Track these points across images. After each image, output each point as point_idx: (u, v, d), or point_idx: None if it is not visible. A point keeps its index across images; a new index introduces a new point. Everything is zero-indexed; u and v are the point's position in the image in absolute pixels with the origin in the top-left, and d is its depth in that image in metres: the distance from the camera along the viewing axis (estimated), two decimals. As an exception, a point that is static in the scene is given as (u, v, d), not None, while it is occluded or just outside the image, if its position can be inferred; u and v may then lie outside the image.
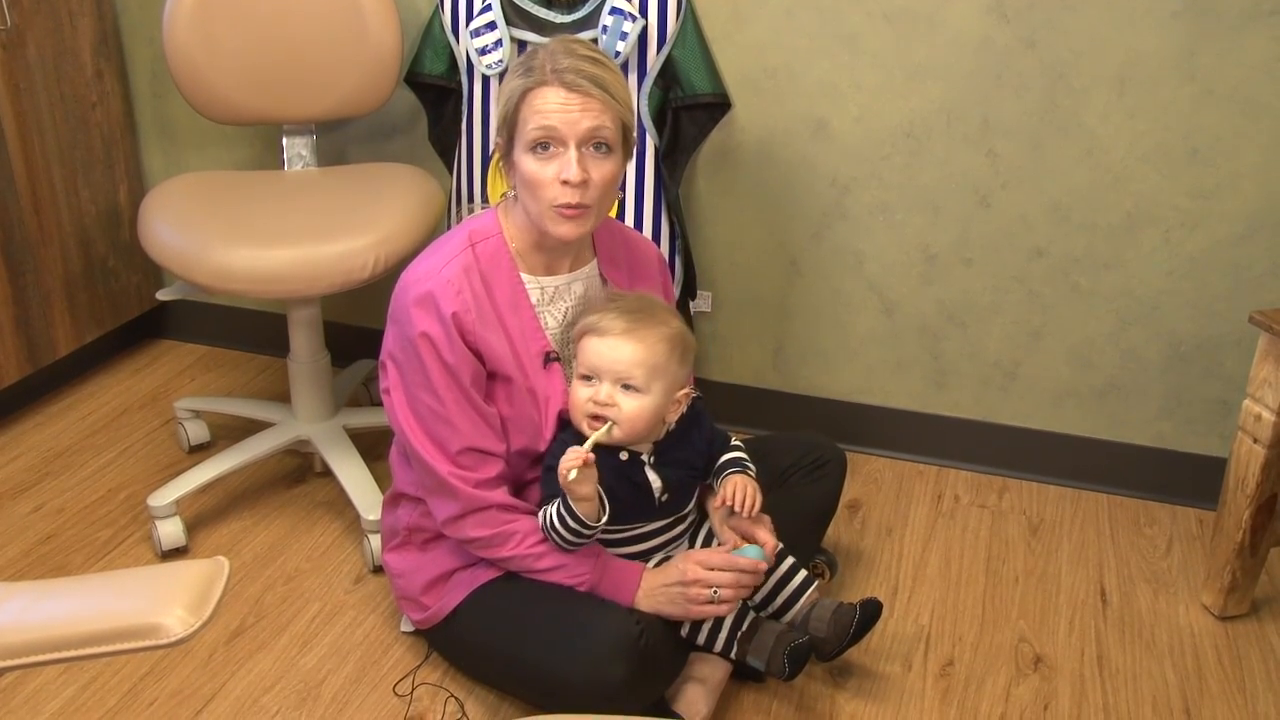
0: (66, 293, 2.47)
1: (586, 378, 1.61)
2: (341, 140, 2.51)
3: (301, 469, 2.33)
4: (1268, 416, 1.81)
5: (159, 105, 2.61)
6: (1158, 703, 1.80)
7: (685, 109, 2.19)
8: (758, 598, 1.72)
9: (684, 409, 1.67)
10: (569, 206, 1.55)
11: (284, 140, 2.30)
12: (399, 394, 1.64)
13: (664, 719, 1.64)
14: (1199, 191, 2.08)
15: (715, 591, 1.60)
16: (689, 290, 2.28)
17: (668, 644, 1.65)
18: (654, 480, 1.64)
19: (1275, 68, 1.97)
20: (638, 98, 2.15)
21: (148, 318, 2.77)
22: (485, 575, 1.69)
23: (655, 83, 2.15)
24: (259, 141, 2.57)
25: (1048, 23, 2.04)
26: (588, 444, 1.53)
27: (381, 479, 2.16)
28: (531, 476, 1.69)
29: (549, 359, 1.65)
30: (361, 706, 1.74)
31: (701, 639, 1.67)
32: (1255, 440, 1.84)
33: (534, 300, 1.65)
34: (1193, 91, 2.02)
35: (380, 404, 2.54)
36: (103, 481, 2.27)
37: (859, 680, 1.82)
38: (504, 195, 1.68)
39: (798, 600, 1.71)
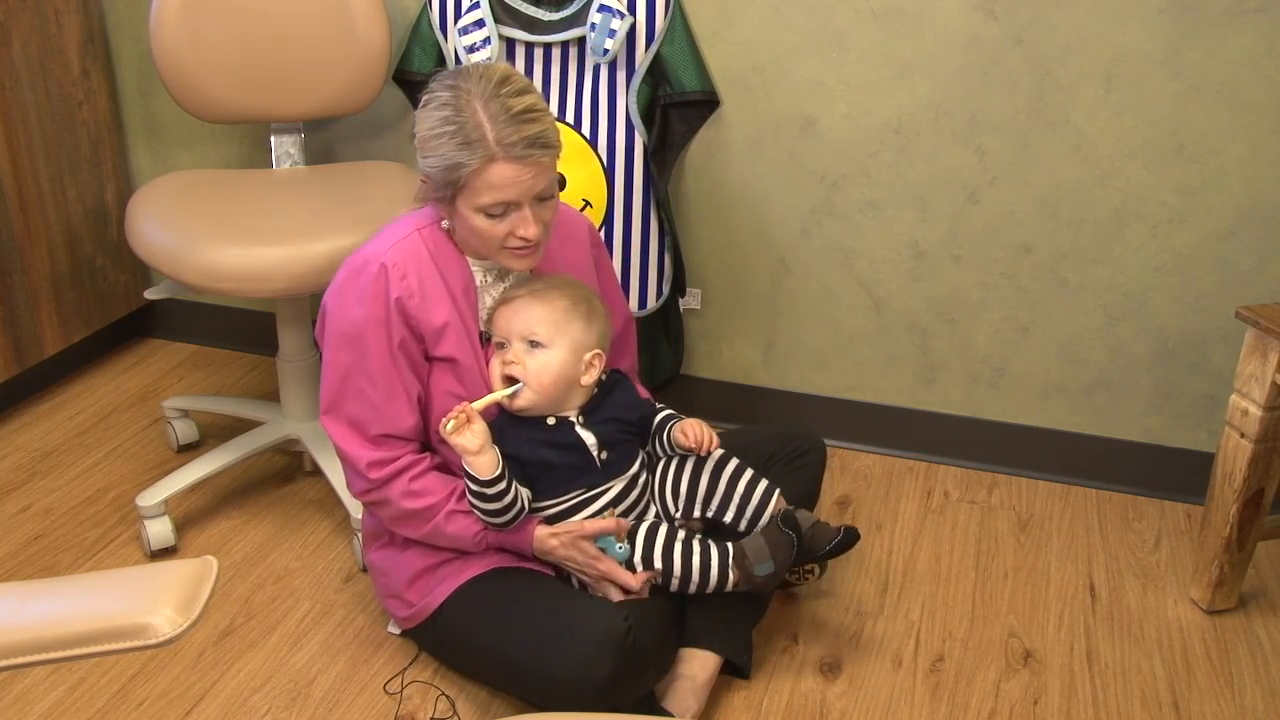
0: (54, 292, 2.46)
1: (501, 345, 1.66)
2: (330, 138, 2.51)
3: (291, 468, 2.33)
4: (1254, 411, 1.82)
5: (146, 104, 2.60)
6: (1146, 697, 1.80)
7: (674, 106, 2.19)
8: (727, 517, 1.72)
9: (599, 374, 1.69)
10: (524, 247, 1.59)
11: (272, 139, 2.29)
12: (327, 369, 1.66)
13: (654, 717, 1.65)
14: (1186, 187, 2.09)
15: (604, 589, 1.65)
16: (678, 288, 2.28)
17: (656, 639, 1.65)
18: (587, 437, 1.66)
19: (1260, 64, 1.98)
20: (626, 95, 2.15)
21: (135, 317, 2.76)
22: (471, 570, 1.69)
23: (644, 80, 2.15)
24: (247, 140, 2.56)
25: (1035, 20, 2.04)
26: (481, 401, 1.60)
27: (371, 478, 2.16)
28: None
29: (484, 339, 1.69)
30: (352, 705, 1.74)
31: (694, 587, 1.67)
32: (1242, 435, 1.85)
33: (479, 283, 1.68)
34: (1179, 88, 2.03)
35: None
36: (91, 481, 2.27)
37: (849, 676, 1.83)
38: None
39: (765, 507, 1.71)
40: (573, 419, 1.68)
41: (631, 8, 2.09)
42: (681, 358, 2.39)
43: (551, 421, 1.67)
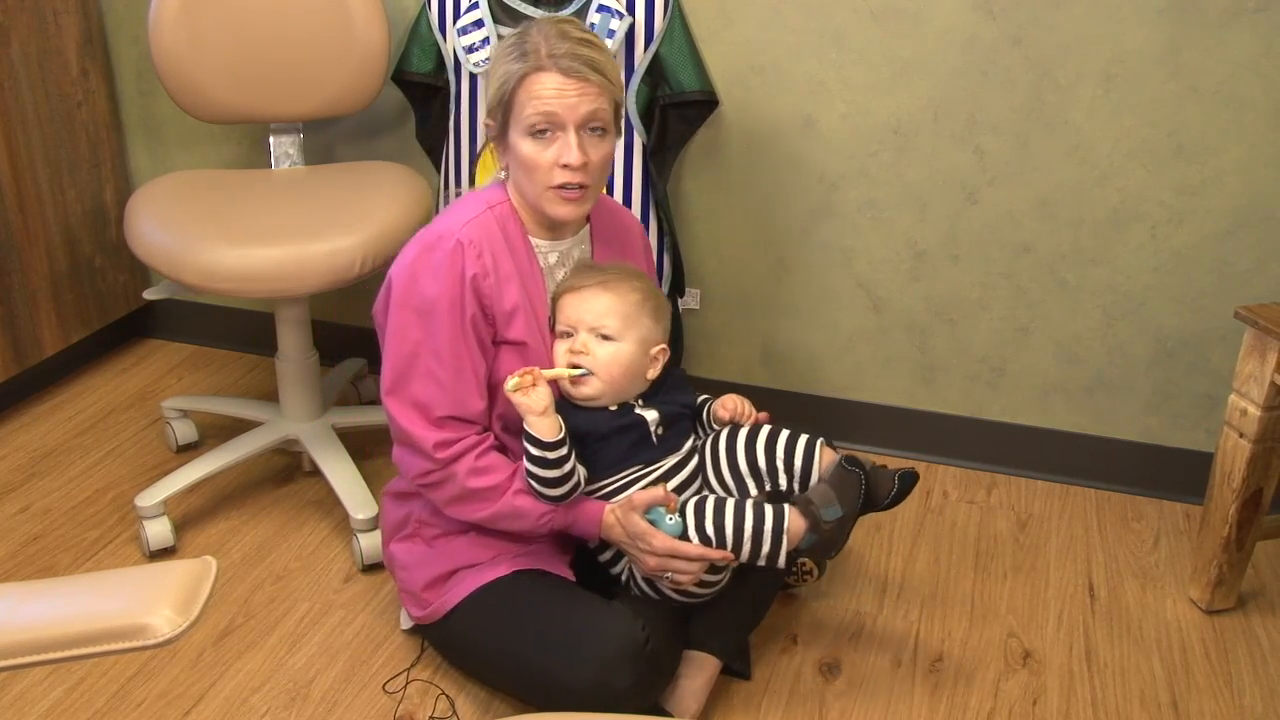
0: (53, 292, 2.46)
1: (565, 334, 1.64)
2: (329, 139, 2.51)
3: (290, 468, 2.32)
4: (1253, 411, 1.82)
5: (145, 104, 2.60)
6: (1145, 696, 1.80)
7: (673, 106, 2.19)
8: (781, 482, 1.66)
9: (660, 367, 1.68)
10: (568, 188, 1.57)
11: (271, 139, 2.29)
12: (392, 346, 1.61)
13: (655, 717, 1.64)
14: (1184, 187, 2.09)
15: (669, 575, 1.61)
16: (677, 288, 2.28)
17: (669, 645, 1.65)
18: (649, 414, 1.65)
19: (1259, 64, 1.98)
20: (625, 95, 2.15)
21: (134, 317, 2.76)
22: (488, 575, 1.68)
23: (643, 80, 2.14)
24: (246, 140, 2.56)
25: (1034, 20, 2.04)
26: (549, 371, 1.59)
27: (370, 478, 2.16)
28: None
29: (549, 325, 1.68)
30: (351, 705, 1.74)
31: (752, 552, 1.58)
32: (1241, 435, 1.85)
33: (542, 266, 1.67)
34: (1178, 88, 2.03)
35: (369, 403, 2.56)
36: (90, 482, 2.27)
37: (848, 676, 1.83)
38: (496, 175, 1.69)
39: (813, 456, 1.66)
40: (632, 402, 1.67)
41: (630, 8, 2.09)
42: (680, 358, 2.39)
43: (614, 408, 1.65)
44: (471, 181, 2.26)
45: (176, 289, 2.10)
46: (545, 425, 1.56)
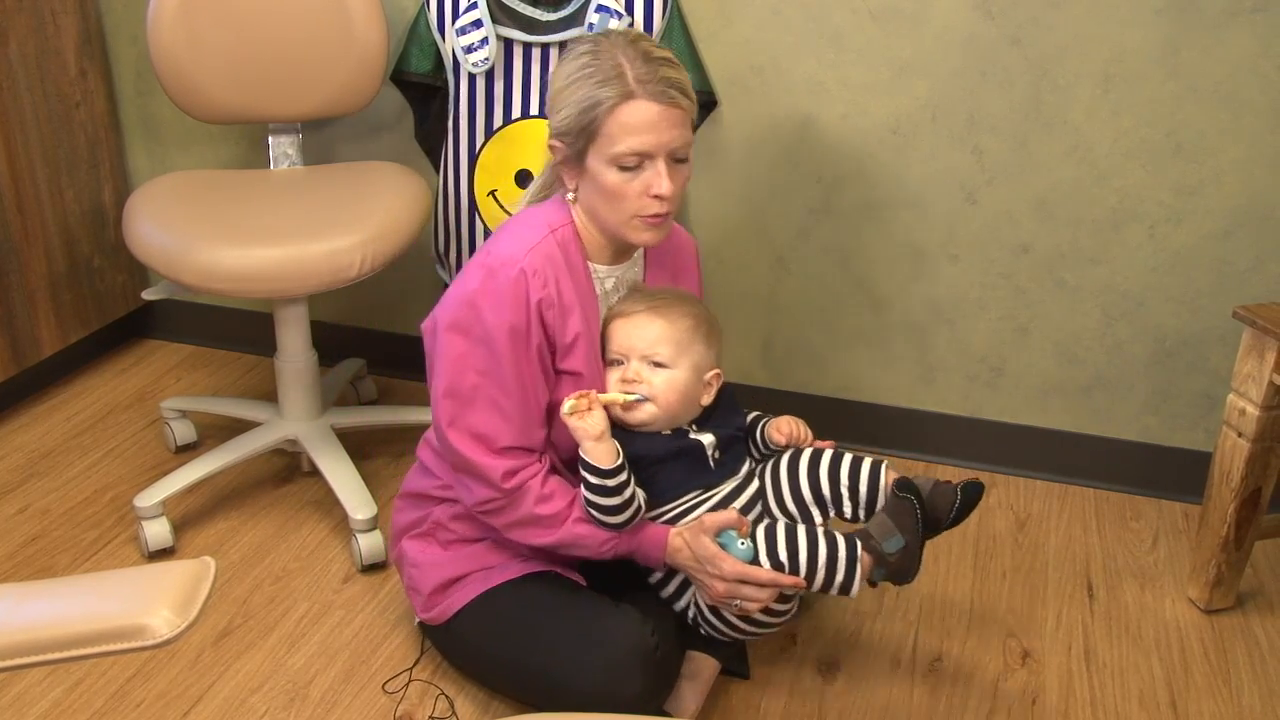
0: (51, 293, 2.46)
1: (617, 361, 1.61)
2: (328, 139, 2.50)
3: (289, 468, 2.32)
4: (1252, 411, 1.83)
5: (143, 104, 2.60)
6: (1144, 696, 1.81)
7: (672, 106, 2.19)
8: (845, 509, 1.63)
9: (715, 393, 1.65)
10: (655, 216, 1.53)
11: (270, 139, 2.29)
12: (452, 376, 1.55)
13: (653, 717, 1.64)
14: (1183, 187, 2.09)
15: (738, 602, 1.56)
16: (676, 288, 2.28)
17: (675, 648, 1.64)
18: (705, 438, 1.62)
19: (1257, 64, 1.98)
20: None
21: (133, 317, 2.75)
22: (496, 579, 1.66)
23: (642, 80, 2.14)
24: (245, 140, 2.56)
25: (1032, 20, 2.05)
26: (605, 396, 1.55)
27: (369, 478, 2.16)
28: None
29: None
30: (350, 706, 1.74)
31: (825, 581, 1.55)
32: (1240, 434, 1.86)
33: (598, 292, 1.63)
34: (1176, 88, 2.03)
35: (368, 404, 2.56)
36: (89, 482, 2.27)
37: (847, 676, 1.83)
38: (561, 195, 1.62)
39: (878, 482, 1.62)
40: (686, 427, 1.64)
41: (629, 8, 2.09)
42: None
43: (668, 432, 1.62)
44: (470, 189, 2.26)
45: (175, 289, 2.10)
46: (602, 451, 1.52)
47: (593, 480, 1.53)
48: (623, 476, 1.53)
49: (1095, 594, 2.04)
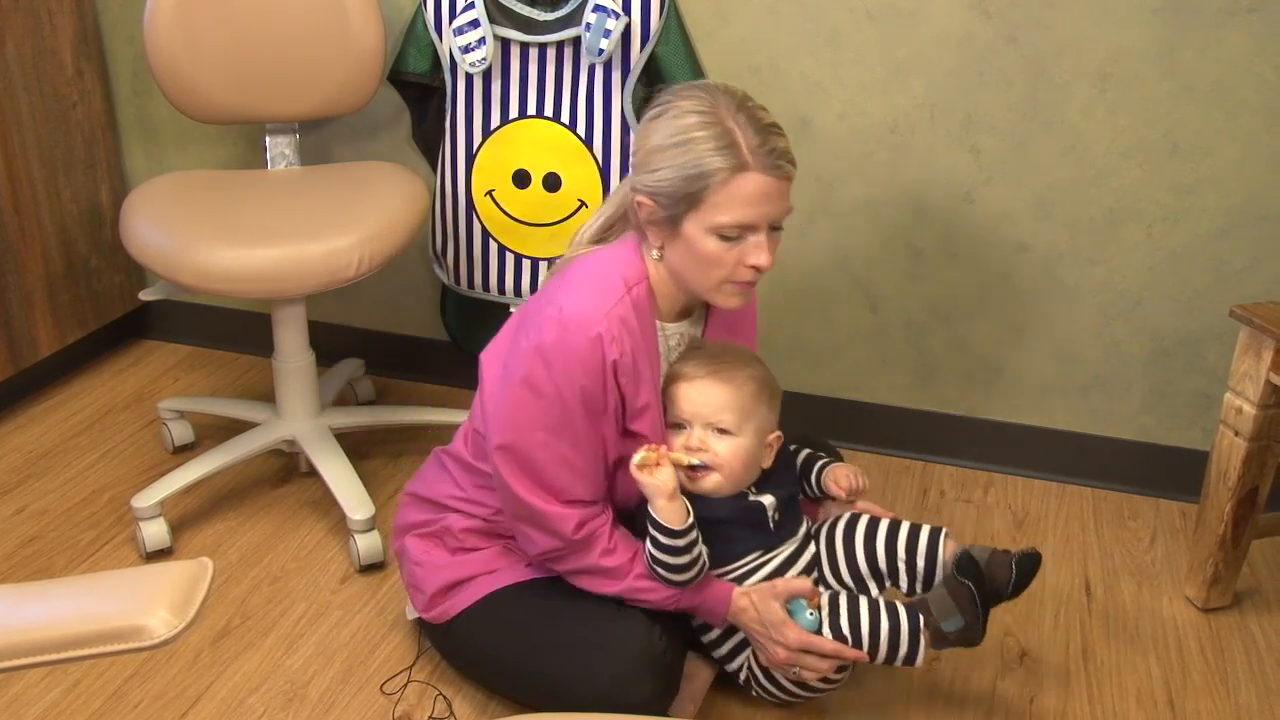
0: (48, 293, 2.46)
1: (679, 426, 1.58)
2: (325, 139, 2.50)
3: (287, 469, 2.32)
4: (1249, 410, 1.83)
5: (140, 104, 2.60)
6: (1142, 695, 1.81)
7: (669, 106, 2.19)
8: (902, 584, 1.62)
9: (774, 455, 1.63)
10: (747, 283, 1.50)
11: (267, 139, 2.29)
12: (518, 431, 1.51)
13: (651, 718, 1.64)
14: (1180, 186, 2.09)
15: (797, 669, 1.56)
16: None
17: (683, 652, 1.64)
18: (766, 500, 1.60)
19: (1254, 64, 1.98)
20: (622, 95, 2.15)
21: (130, 318, 2.75)
22: (500, 581, 1.65)
23: (639, 80, 2.15)
24: (242, 141, 2.56)
25: (1029, 19, 2.05)
26: (672, 455, 1.52)
27: (367, 478, 2.16)
28: None
29: None
30: (349, 706, 1.74)
31: (887, 655, 1.56)
32: (1237, 433, 1.86)
33: (662, 350, 1.59)
34: (1173, 87, 2.03)
35: (366, 404, 2.56)
36: (86, 483, 2.26)
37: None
38: (642, 245, 1.57)
39: (935, 554, 1.61)
40: (746, 489, 1.62)
41: (626, 7, 2.09)
42: (677, 358, 2.39)
43: (728, 494, 1.60)
44: (468, 190, 2.26)
45: (173, 290, 2.09)
46: (673, 511, 1.49)
47: (662, 540, 1.51)
48: (692, 536, 1.52)
49: (1093, 593, 2.04)
